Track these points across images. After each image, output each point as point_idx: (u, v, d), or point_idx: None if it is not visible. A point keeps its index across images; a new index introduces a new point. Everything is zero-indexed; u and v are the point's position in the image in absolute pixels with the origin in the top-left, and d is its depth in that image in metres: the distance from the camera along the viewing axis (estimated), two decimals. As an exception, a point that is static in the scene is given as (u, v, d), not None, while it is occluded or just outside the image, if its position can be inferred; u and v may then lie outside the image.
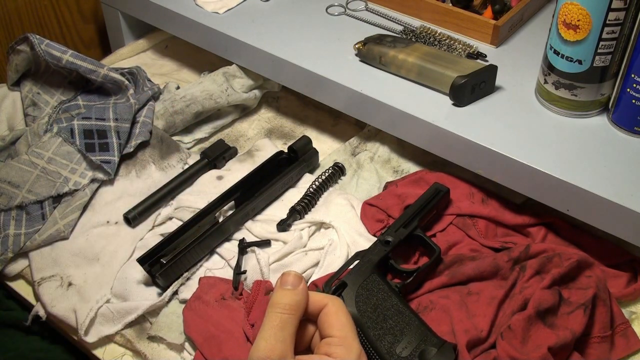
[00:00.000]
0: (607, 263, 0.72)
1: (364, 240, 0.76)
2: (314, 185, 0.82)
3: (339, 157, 0.88)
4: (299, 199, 0.81)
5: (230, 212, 0.79)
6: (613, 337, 0.66)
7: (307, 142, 0.86)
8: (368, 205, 0.79)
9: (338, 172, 0.85)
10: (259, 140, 0.91)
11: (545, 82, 0.75)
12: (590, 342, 0.66)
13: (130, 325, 0.71)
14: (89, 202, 0.81)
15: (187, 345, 0.69)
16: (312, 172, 0.87)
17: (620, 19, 0.67)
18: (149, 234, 0.79)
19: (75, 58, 0.86)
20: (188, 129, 0.94)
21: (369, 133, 0.91)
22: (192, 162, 0.87)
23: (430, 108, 0.78)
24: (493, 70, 0.79)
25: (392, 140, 0.88)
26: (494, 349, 0.63)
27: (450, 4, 0.90)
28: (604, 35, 0.69)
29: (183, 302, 0.72)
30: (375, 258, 0.69)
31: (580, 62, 0.71)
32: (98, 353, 0.70)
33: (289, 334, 0.49)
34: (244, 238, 0.77)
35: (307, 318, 0.53)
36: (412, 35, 0.88)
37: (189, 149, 0.92)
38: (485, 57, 0.85)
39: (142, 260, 0.72)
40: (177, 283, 0.72)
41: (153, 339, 0.70)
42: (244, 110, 0.98)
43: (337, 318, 0.51)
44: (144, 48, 1.10)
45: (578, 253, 0.69)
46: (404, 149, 0.88)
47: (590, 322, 0.65)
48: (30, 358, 0.78)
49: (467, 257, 0.72)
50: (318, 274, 0.73)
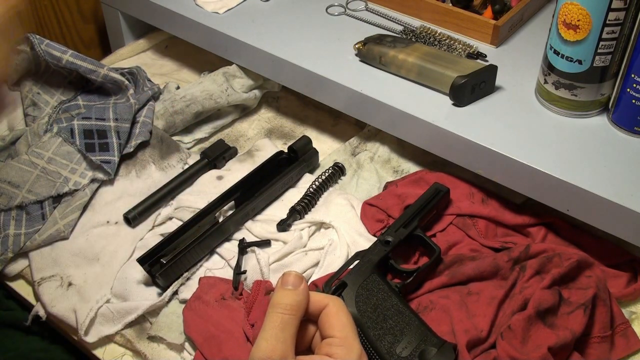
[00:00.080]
0: (607, 263, 0.72)
1: (364, 240, 0.76)
2: (314, 185, 0.82)
3: (339, 157, 0.88)
4: (299, 199, 0.80)
5: (230, 212, 0.79)
6: (613, 337, 0.66)
7: (307, 142, 0.86)
8: (368, 205, 0.79)
9: (338, 172, 0.85)
10: (259, 140, 0.91)
11: (545, 82, 0.75)
12: (590, 342, 0.66)
13: (130, 325, 0.71)
14: (89, 202, 0.81)
15: (187, 345, 0.69)
16: (312, 172, 0.87)
17: (620, 19, 0.67)
18: (149, 234, 0.79)
19: (75, 58, 0.86)
20: (188, 129, 0.94)
21: (369, 133, 0.91)
22: (192, 162, 0.87)
23: (430, 108, 0.78)
24: (493, 70, 0.79)
25: (392, 140, 0.88)
26: (494, 349, 0.63)
27: (450, 4, 0.90)
28: (604, 35, 0.69)
29: (183, 302, 0.72)
30: (375, 258, 0.69)
31: (580, 62, 0.71)
32: (98, 353, 0.70)
33: (290, 335, 0.49)
34: (244, 238, 0.77)
35: (307, 318, 0.53)
36: (412, 35, 0.88)
37: (189, 149, 0.92)
38: (485, 57, 0.85)
39: (142, 260, 0.72)
40: (177, 283, 0.72)
41: (153, 339, 0.70)
42: (244, 110, 0.98)
43: (338, 318, 0.51)
44: (144, 48, 1.10)
45: (578, 253, 0.69)
46: (404, 149, 0.88)
47: (590, 322, 0.65)
48: (30, 358, 0.78)
49: (467, 257, 0.72)
50: (318, 274, 0.73)
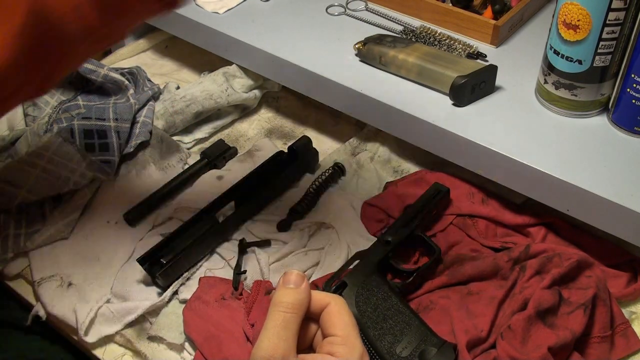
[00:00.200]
0: (607, 263, 0.72)
1: (364, 240, 0.76)
2: (314, 185, 0.82)
3: (339, 157, 0.88)
4: (299, 199, 0.80)
5: (230, 212, 0.79)
6: (613, 337, 0.66)
7: (307, 142, 0.86)
8: (368, 205, 0.79)
9: (338, 172, 0.85)
10: (259, 140, 0.91)
11: (545, 82, 0.75)
12: (590, 342, 0.66)
13: (130, 325, 0.71)
14: (89, 202, 0.81)
15: (187, 345, 0.69)
16: (312, 172, 0.87)
17: (620, 19, 0.67)
18: (149, 234, 0.79)
19: (75, 58, 0.86)
20: (188, 129, 0.94)
21: (369, 133, 0.91)
22: (192, 162, 0.87)
23: (430, 108, 0.78)
24: (493, 70, 0.79)
25: (392, 140, 0.88)
26: (494, 349, 0.63)
27: (450, 4, 0.90)
28: (604, 35, 0.68)
29: (183, 302, 0.71)
30: (376, 258, 0.69)
31: (580, 62, 0.71)
32: (98, 353, 0.70)
33: (292, 333, 0.49)
34: (244, 238, 0.77)
35: (309, 317, 0.53)
36: (412, 35, 0.88)
37: (189, 149, 0.92)
38: (485, 57, 0.85)
39: (142, 260, 0.72)
40: (177, 283, 0.72)
41: (153, 339, 0.70)
42: (244, 110, 0.98)
43: (339, 317, 0.51)
44: (144, 48, 1.10)
45: (578, 253, 0.69)
46: (404, 149, 0.88)
47: (590, 322, 0.65)
48: (30, 358, 0.78)
49: (467, 257, 0.72)
50: (318, 274, 0.73)
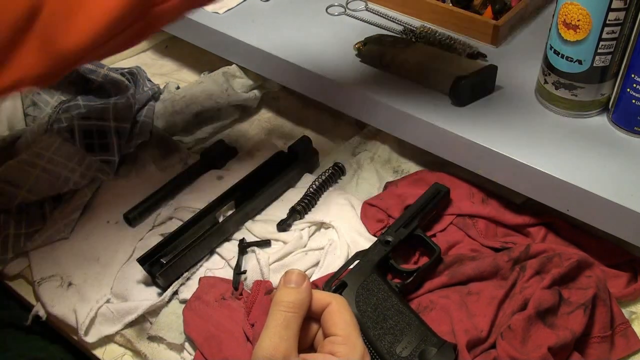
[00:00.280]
0: (607, 263, 0.72)
1: (364, 240, 0.76)
2: (314, 185, 0.82)
3: (339, 157, 0.88)
4: (299, 199, 0.80)
5: (230, 212, 0.79)
6: (613, 337, 0.66)
7: (307, 142, 0.86)
8: (368, 205, 0.79)
9: (338, 172, 0.85)
10: (259, 140, 0.91)
11: (545, 82, 0.75)
12: (590, 342, 0.66)
13: (130, 325, 0.71)
14: (89, 202, 0.81)
15: (187, 345, 0.69)
16: (312, 172, 0.87)
17: (620, 19, 0.67)
18: (149, 234, 0.79)
19: (75, 58, 0.86)
20: (188, 129, 0.94)
21: (369, 133, 0.91)
22: (192, 162, 0.87)
23: (430, 108, 0.78)
24: (493, 70, 0.79)
25: (392, 140, 0.88)
26: (494, 349, 0.63)
27: (450, 4, 0.90)
28: (604, 35, 0.68)
29: (183, 302, 0.71)
30: (376, 258, 0.69)
31: (580, 62, 0.71)
32: (98, 353, 0.70)
33: (293, 333, 0.49)
34: (244, 238, 0.77)
35: (310, 316, 0.53)
36: (412, 35, 0.88)
37: (189, 149, 0.92)
38: (485, 57, 0.85)
39: (142, 260, 0.72)
40: (177, 283, 0.72)
41: (153, 339, 0.70)
42: (244, 111, 0.98)
43: (340, 316, 0.51)
44: (144, 48, 1.10)
45: (578, 253, 0.69)
46: (404, 149, 0.88)
47: (590, 322, 0.65)
48: (30, 357, 0.78)
49: (467, 257, 0.72)
50: (318, 274, 0.72)
